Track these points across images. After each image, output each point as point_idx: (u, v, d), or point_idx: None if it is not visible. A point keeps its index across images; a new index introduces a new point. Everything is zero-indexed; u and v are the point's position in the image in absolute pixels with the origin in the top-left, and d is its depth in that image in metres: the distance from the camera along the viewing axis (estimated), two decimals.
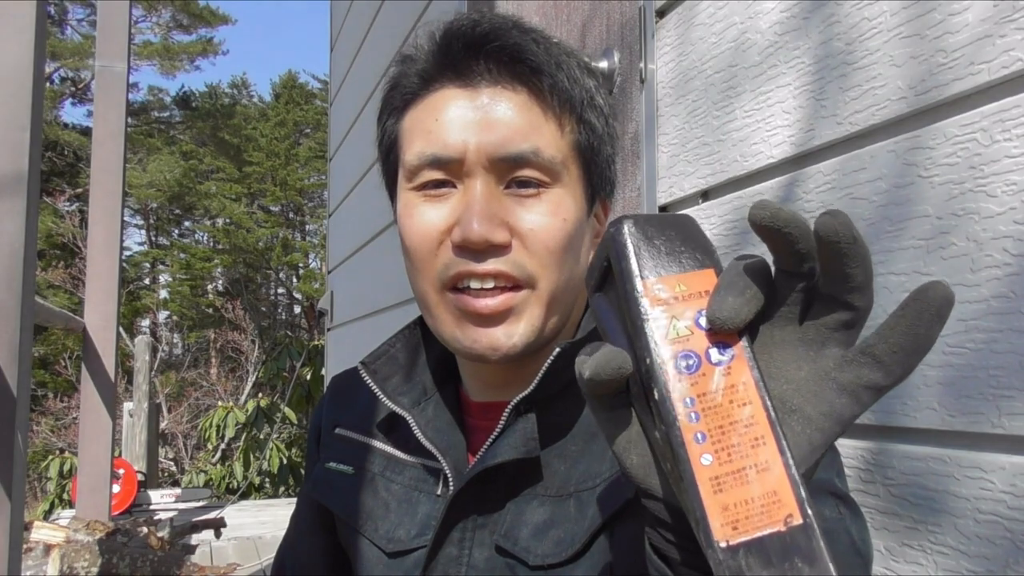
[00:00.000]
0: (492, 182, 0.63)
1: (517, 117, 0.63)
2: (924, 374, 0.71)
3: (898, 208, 0.75)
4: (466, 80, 0.64)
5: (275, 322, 19.62)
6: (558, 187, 0.64)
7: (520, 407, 0.65)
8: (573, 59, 0.67)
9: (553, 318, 0.65)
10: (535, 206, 0.63)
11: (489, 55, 0.64)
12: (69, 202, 15.38)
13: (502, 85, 0.64)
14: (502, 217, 0.62)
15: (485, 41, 0.63)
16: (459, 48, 0.64)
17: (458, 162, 0.63)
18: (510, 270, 0.62)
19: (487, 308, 0.62)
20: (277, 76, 28.22)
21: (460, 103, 0.64)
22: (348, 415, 0.80)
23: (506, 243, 0.62)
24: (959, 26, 0.69)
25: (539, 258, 0.62)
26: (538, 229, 0.62)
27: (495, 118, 0.63)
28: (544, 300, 0.63)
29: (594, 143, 0.66)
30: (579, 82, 0.65)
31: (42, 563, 2.88)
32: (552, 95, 0.64)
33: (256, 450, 8.38)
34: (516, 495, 0.65)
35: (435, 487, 0.69)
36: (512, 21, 0.66)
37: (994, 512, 0.65)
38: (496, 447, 0.64)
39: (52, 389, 12.97)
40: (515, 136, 0.62)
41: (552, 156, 0.63)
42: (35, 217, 1.67)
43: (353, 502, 0.74)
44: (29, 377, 1.68)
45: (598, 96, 0.68)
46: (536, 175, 0.63)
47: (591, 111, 0.66)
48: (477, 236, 0.60)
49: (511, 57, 0.63)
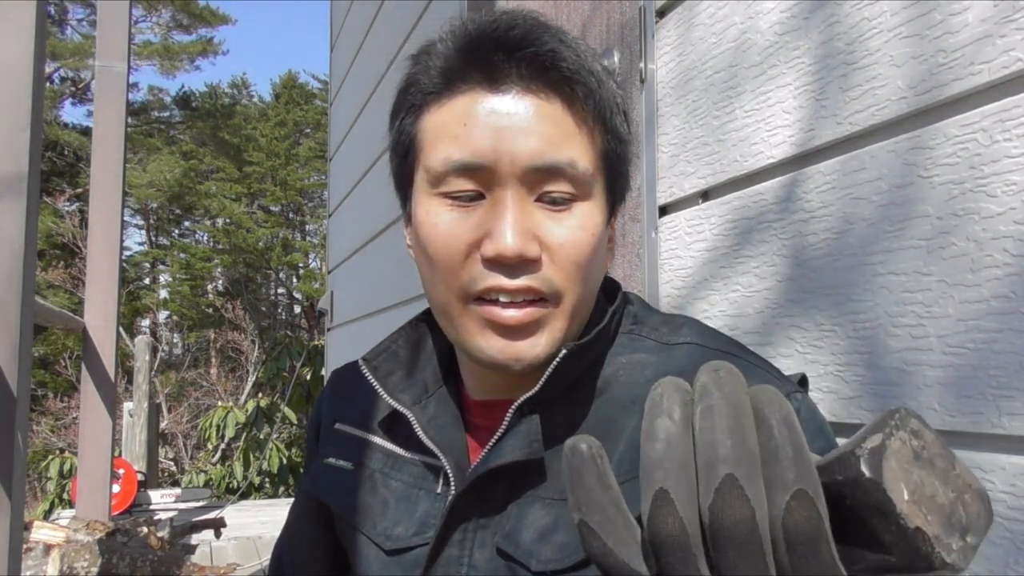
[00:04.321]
0: (524, 193, 0.60)
1: (552, 127, 0.60)
2: (924, 374, 0.71)
3: (898, 208, 0.75)
4: (496, 84, 0.61)
5: (275, 322, 19.62)
6: (588, 200, 0.62)
7: (524, 408, 0.64)
8: (598, 62, 0.64)
9: (573, 328, 0.65)
10: (566, 220, 0.61)
11: (523, 60, 0.60)
12: (69, 202, 15.38)
13: (535, 92, 0.61)
14: (533, 231, 0.60)
15: (520, 46, 0.60)
16: (491, 50, 0.61)
17: (489, 171, 0.60)
18: (540, 286, 0.60)
19: (514, 320, 0.61)
20: (277, 76, 28.24)
21: (490, 108, 0.60)
22: (348, 410, 0.79)
23: (538, 258, 0.60)
24: (959, 26, 0.69)
25: (567, 273, 0.61)
26: (568, 244, 0.61)
27: (530, 127, 0.60)
28: (568, 313, 0.63)
29: (620, 150, 0.65)
30: (607, 87, 0.63)
31: (42, 563, 2.88)
32: (586, 104, 0.61)
33: (256, 450, 8.38)
34: (518, 497, 0.64)
35: (435, 485, 0.69)
36: (544, 24, 0.63)
37: (994, 512, 0.65)
38: (499, 448, 0.64)
39: (52, 389, 12.97)
40: (550, 147, 0.60)
41: (586, 168, 0.61)
42: (35, 217, 1.67)
43: (352, 499, 0.73)
44: (29, 377, 1.68)
45: (622, 100, 0.66)
46: (569, 188, 0.61)
47: (619, 117, 0.65)
48: (512, 252, 0.58)
49: (546, 64, 0.61)
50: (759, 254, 0.93)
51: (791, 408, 0.33)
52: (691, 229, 1.07)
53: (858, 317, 0.78)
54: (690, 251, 1.06)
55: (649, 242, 1.15)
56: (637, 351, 0.68)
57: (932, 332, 0.70)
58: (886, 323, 0.75)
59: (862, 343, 0.78)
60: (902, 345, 0.73)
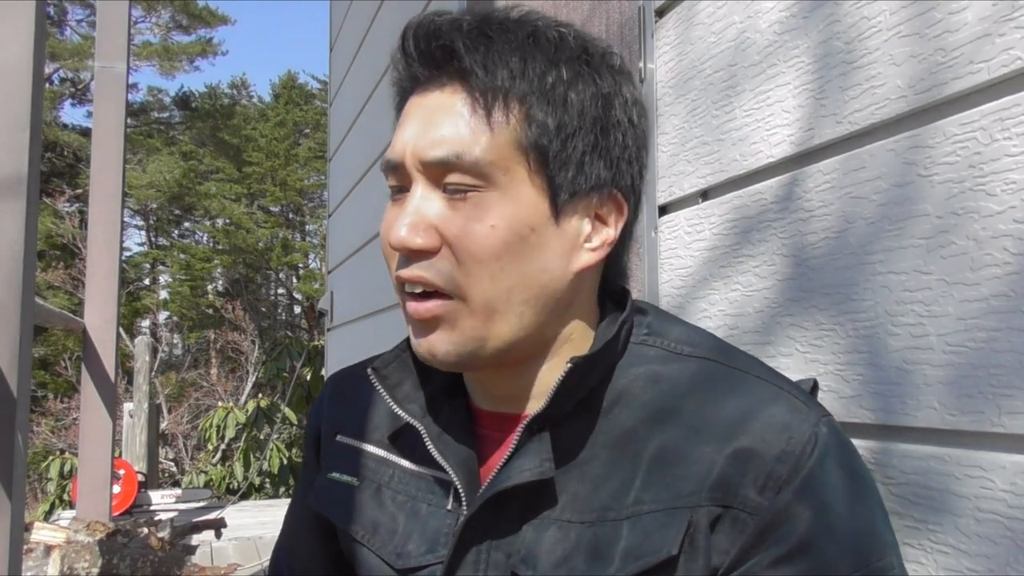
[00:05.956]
0: (429, 187, 0.62)
1: (446, 120, 0.62)
2: (924, 373, 0.71)
3: (898, 207, 0.75)
4: (423, 86, 0.65)
5: (275, 322, 19.61)
6: (492, 191, 0.60)
7: (533, 426, 0.63)
8: (541, 50, 0.62)
9: (501, 328, 0.62)
10: (464, 211, 0.61)
11: (431, 57, 0.64)
12: (69, 202, 15.37)
13: (442, 87, 0.63)
14: (430, 222, 0.61)
15: (429, 46, 0.63)
16: (412, 56, 0.65)
17: (401, 166, 0.63)
18: (432, 278, 0.61)
19: (415, 312, 0.63)
20: (277, 76, 28.19)
21: (409, 107, 0.65)
22: (349, 420, 0.77)
23: (430, 248, 0.61)
24: (958, 25, 0.69)
25: (464, 266, 0.60)
26: (463, 236, 0.60)
27: (427, 122, 0.62)
28: (478, 311, 0.61)
29: (545, 140, 0.61)
30: (528, 75, 0.61)
31: (43, 564, 2.88)
32: (485, 93, 0.61)
33: (256, 450, 8.38)
34: (532, 517, 0.63)
35: (445, 500, 0.67)
36: (470, 16, 0.63)
37: (994, 511, 0.65)
38: (509, 468, 0.63)
39: (52, 390, 12.97)
40: (438, 140, 0.61)
41: (478, 159, 0.60)
42: (35, 218, 1.67)
43: (359, 515, 0.72)
44: (29, 378, 1.68)
45: (567, 89, 0.62)
46: (464, 179, 0.60)
47: (542, 105, 0.61)
48: (398, 242, 0.61)
49: (445, 57, 0.63)
50: (759, 253, 0.93)
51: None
52: (691, 229, 1.07)
53: (858, 316, 0.78)
54: (690, 251, 1.06)
55: (649, 242, 1.15)
56: (651, 362, 0.66)
57: (932, 331, 0.70)
58: (886, 322, 0.75)
59: (862, 342, 0.78)
60: (902, 344, 0.73)
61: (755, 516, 0.58)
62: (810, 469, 0.58)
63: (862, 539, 0.59)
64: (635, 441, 0.63)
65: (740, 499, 0.58)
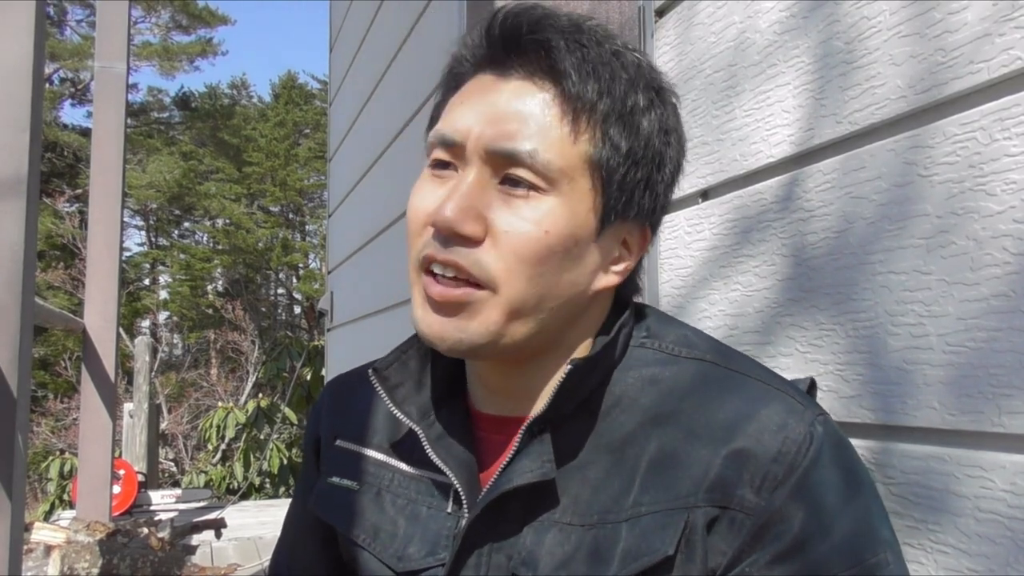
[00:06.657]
0: (487, 174, 0.61)
1: (528, 114, 0.61)
2: (924, 373, 0.71)
3: (898, 207, 0.75)
4: (501, 70, 0.64)
5: (275, 322, 19.62)
6: (553, 196, 0.61)
7: (534, 428, 0.63)
8: (626, 71, 0.63)
9: (519, 328, 0.62)
10: (520, 209, 0.60)
11: (523, 48, 0.63)
12: (69, 203, 15.37)
13: (532, 80, 0.62)
14: (480, 210, 0.60)
15: (522, 33, 0.62)
16: (497, 37, 0.64)
17: (460, 146, 0.62)
18: (469, 266, 0.60)
19: (439, 295, 0.61)
20: (277, 76, 28.22)
21: (483, 90, 0.63)
22: (348, 423, 0.78)
23: (476, 237, 0.60)
24: (958, 25, 0.69)
25: (505, 262, 0.60)
26: (512, 233, 0.60)
27: (505, 111, 0.61)
28: (504, 307, 0.61)
29: (614, 162, 0.62)
30: (615, 94, 0.62)
31: (43, 564, 2.88)
32: (576, 100, 0.61)
33: (256, 451, 8.39)
34: (533, 519, 0.63)
35: (445, 503, 0.68)
36: (565, 16, 0.64)
37: (994, 511, 0.65)
38: (510, 470, 0.63)
39: (52, 390, 12.97)
40: (515, 133, 0.60)
41: (549, 160, 0.60)
42: (35, 218, 1.67)
43: (359, 519, 0.72)
44: (29, 378, 1.68)
45: (641, 116, 0.63)
46: (528, 176, 0.60)
47: (619, 127, 0.62)
48: (443, 223, 0.60)
49: (536, 50, 0.62)
50: (759, 253, 0.93)
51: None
52: (691, 229, 1.07)
53: (858, 316, 0.78)
54: (690, 251, 1.06)
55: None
56: (649, 365, 0.66)
57: (932, 331, 0.70)
58: (886, 322, 0.75)
59: (862, 342, 0.78)
60: (902, 344, 0.73)
61: (751, 516, 0.58)
62: (805, 469, 0.58)
63: (856, 537, 0.59)
64: (634, 444, 0.63)
65: (737, 500, 0.58)
